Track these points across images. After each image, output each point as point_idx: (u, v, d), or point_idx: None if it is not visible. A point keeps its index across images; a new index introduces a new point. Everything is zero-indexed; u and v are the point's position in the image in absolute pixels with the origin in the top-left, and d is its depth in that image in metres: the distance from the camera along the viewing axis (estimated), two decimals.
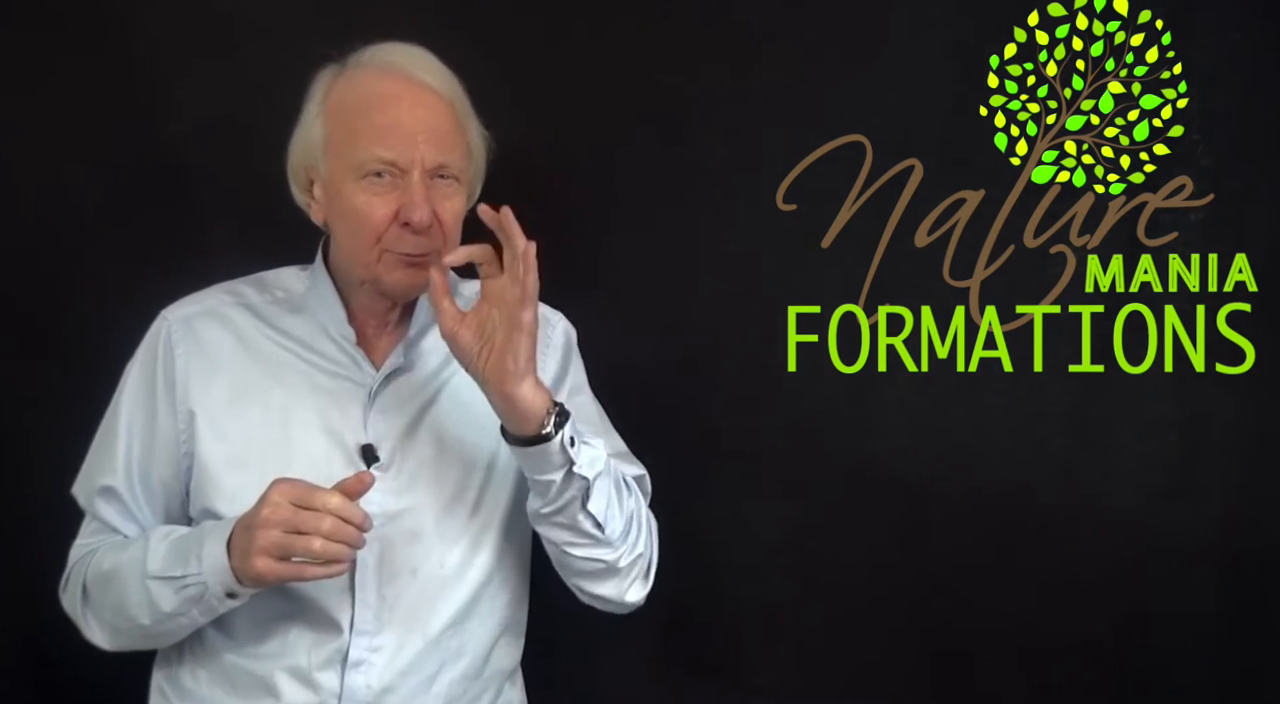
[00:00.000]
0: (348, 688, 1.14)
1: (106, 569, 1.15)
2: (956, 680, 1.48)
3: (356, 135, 1.13)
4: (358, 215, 1.13)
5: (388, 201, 1.13)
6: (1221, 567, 1.43)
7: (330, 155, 1.16)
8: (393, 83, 1.15)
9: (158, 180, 1.48)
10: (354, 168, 1.13)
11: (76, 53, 1.47)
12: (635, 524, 1.21)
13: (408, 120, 1.13)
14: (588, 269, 1.47)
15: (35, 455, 1.43)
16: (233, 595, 1.09)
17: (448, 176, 1.16)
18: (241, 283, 1.26)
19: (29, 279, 1.48)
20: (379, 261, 1.15)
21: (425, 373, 1.22)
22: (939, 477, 1.46)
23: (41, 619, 1.27)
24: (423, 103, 1.15)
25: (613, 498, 1.17)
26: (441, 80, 1.17)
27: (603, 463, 1.16)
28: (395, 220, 1.13)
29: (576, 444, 1.13)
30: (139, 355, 1.22)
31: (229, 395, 1.18)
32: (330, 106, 1.16)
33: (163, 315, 1.22)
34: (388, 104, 1.14)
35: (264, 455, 1.15)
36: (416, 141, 1.13)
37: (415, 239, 1.13)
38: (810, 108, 1.43)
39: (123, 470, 1.19)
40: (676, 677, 1.52)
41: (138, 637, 1.16)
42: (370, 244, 1.14)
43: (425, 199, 1.12)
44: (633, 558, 1.21)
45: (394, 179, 1.13)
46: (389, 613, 1.16)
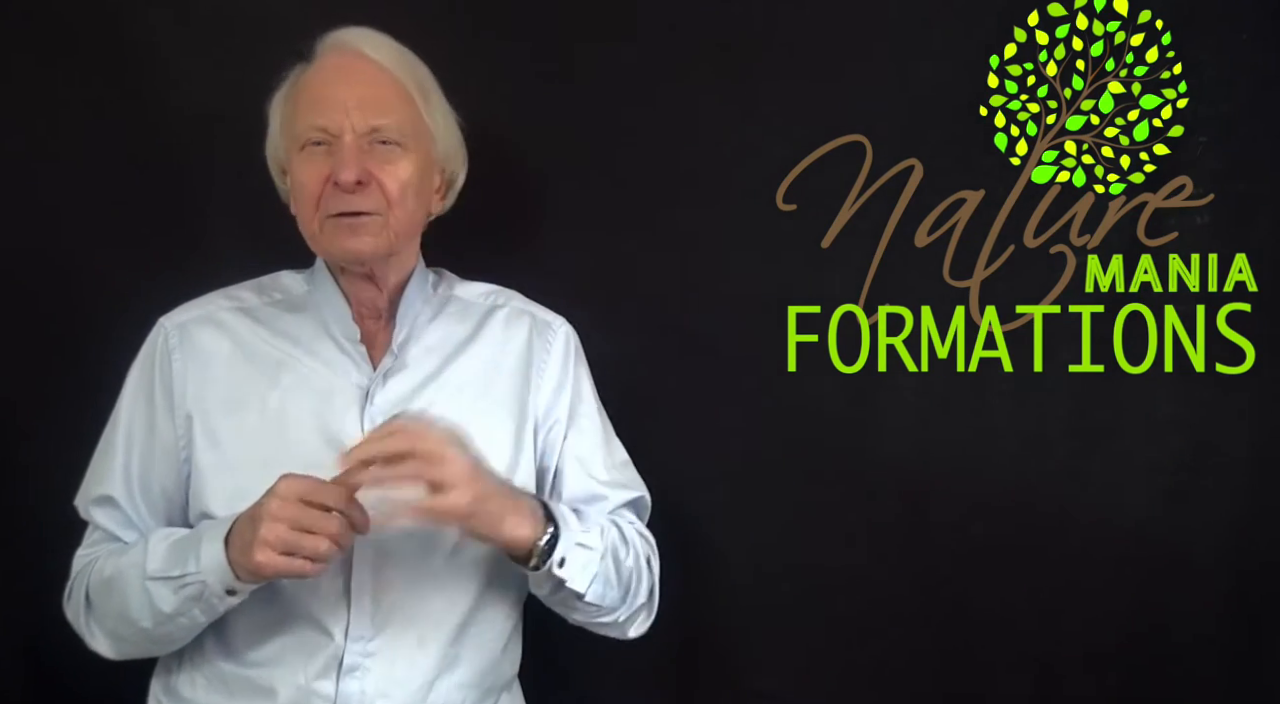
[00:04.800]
0: (343, 694, 1.14)
1: (108, 575, 1.15)
2: (958, 682, 1.48)
3: (299, 111, 1.17)
4: (299, 187, 1.17)
5: (322, 167, 1.15)
6: (1222, 566, 1.43)
7: (284, 137, 1.20)
8: (333, 57, 1.19)
9: (158, 180, 1.48)
10: (295, 140, 1.17)
11: (76, 53, 1.47)
12: (635, 581, 1.23)
13: (340, 89, 1.16)
14: (588, 269, 1.47)
15: (34, 461, 1.43)
16: (232, 592, 1.09)
17: (389, 142, 1.17)
18: (239, 287, 1.26)
19: (28, 281, 1.48)
20: (322, 231, 1.17)
21: (424, 374, 1.22)
22: (939, 477, 1.46)
23: (39, 628, 1.27)
24: (357, 72, 1.18)
25: (610, 579, 1.19)
26: (385, 53, 1.19)
27: (597, 562, 1.16)
28: (329, 183, 1.15)
29: (568, 563, 1.13)
30: (137, 364, 1.22)
31: (225, 400, 1.18)
32: (287, 95, 1.21)
33: (160, 323, 1.23)
34: (324, 77, 1.18)
35: (261, 458, 1.14)
36: (347, 107, 1.15)
37: (348, 197, 1.14)
38: (810, 108, 1.43)
39: (121, 479, 1.19)
40: (677, 683, 1.52)
41: (141, 642, 1.16)
42: (312, 211, 1.16)
43: (354, 159, 1.14)
44: (633, 611, 1.24)
45: (329, 147, 1.15)
46: (384, 619, 1.15)
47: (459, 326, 1.26)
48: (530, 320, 1.29)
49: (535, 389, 1.26)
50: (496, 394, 1.24)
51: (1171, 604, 1.44)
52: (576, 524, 1.16)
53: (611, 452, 1.30)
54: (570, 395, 1.28)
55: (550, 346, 1.28)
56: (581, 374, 1.31)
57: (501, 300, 1.31)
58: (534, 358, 1.27)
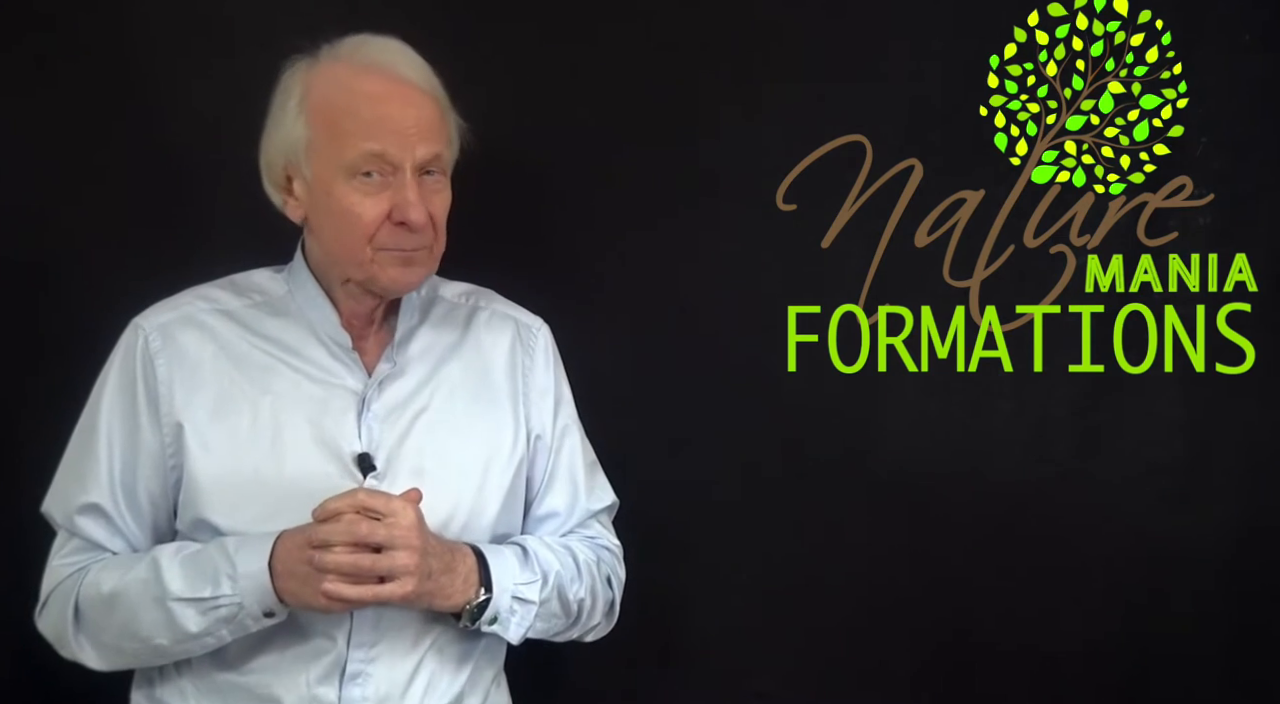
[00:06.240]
0: (345, 700, 1.13)
1: (108, 592, 1.12)
2: (959, 683, 1.48)
3: (346, 135, 1.12)
4: (349, 216, 1.12)
5: (379, 201, 1.12)
6: (1222, 566, 1.43)
7: (315, 156, 1.14)
8: (378, 81, 1.14)
9: (158, 180, 1.47)
10: (344, 168, 1.12)
11: (76, 53, 1.46)
12: (588, 607, 1.23)
13: (399, 117, 1.12)
14: (588, 269, 1.47)
15: (29, 462, 1.42)
16: (270, 615, 1.08)
17: (435, 172, 1.15)
18: (212, 287, 1.23)
19: (27, 282, 1.48)
20: (373, 260, 1.14)
21: (417, 379, 1.21)
22: (939, 477, 1.46)
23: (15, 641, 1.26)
24: (411, 101, 1.14)
25: (555, 612, 1.20)
26: (423, 75, 1.17)
27: (533, 614, 1.17)
28: (388, 220, 1.12)
29: (500, 620, 1.15)
30: (114, 365, 1.18)
31: (215, 406, 1.15)
32: (312, 105, 1.14)
33: (136, 324, 1.18)
34: (376, 102, 1.13)
35: (257, 467, 1.13)
36: (409, 138, 1.12)
37: (413, 236, 1.13)
38: (810, 108, 1.43)
39: (107, 486, 1.15)
40: (675, 683, 1.52)
41: (146, 655, 1.13)
42: (363, 244, 1.13)
43: (420, 199, 1.12)
44: (586, 629, 1.26)
45: (384, 178, 1.12)
46: (386, 623, 1.15)
47: (447, 330, 1.25)
48: (514, 324, 1.28)
49: (524, 394, 1.25)
50: (489, 397, 1.24)
51: (1171, 604, 1.44)
52: (519, 573, 1.16)
53: (586, 458, 1.30)
54: (553, 402, 1.27)
55: (533, 351, 1.28)
56: (560, 377, 1.30)
57: (483, 302, 1.29)
58: (519, 362, 1.26)
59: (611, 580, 1.28)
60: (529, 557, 1.19)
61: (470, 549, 1.15)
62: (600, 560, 1.27)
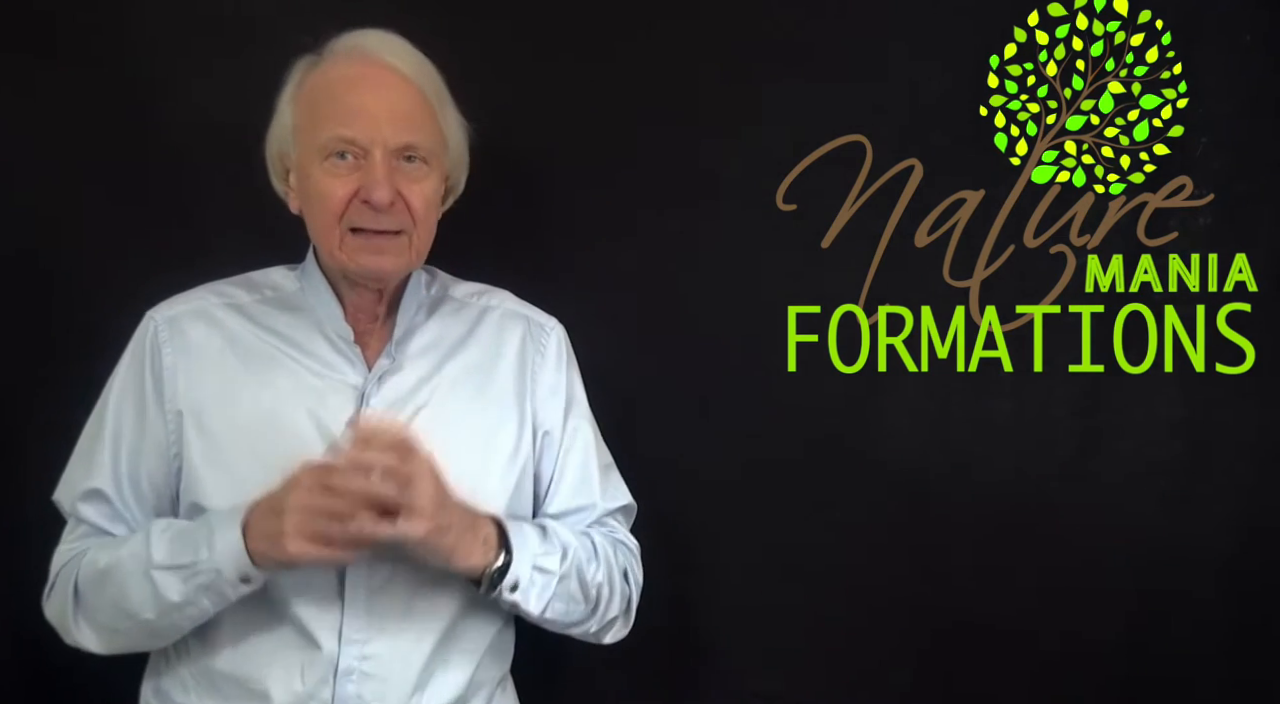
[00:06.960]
0: (339, 697, 1.13)
1: (103, 567, 1.13)
2: (959, 683, 1.48)
3: (321, 117, 1.14)
4: (321, 197, 1.14)
5: (348, 182, 1.13)
6: (1222, 565, 1.43)
7: (299, 141, 1.17)
8: (358, 65, 1.16)
9: (158, 180, 1.47)
10: (318, 150, 1.14)
11: (75, 53, 1.46)
12: (606, 595, 1.22)
13: (369, 101, 1.14)
14: (588, 269, 1.47)
15: (31, 458, 1.42)
16: (247, 580, 1.08)
17: (415, 159, 1.16)
18: (228, 283, 1.25)
19: (28, 281, 1.48)
20: (341, 245, 1.15)
21: (418, 375, 1.21)
22: (939, 477, 1.46)
23: (27, 631, 1.26)
24: (386, 84, 1.15)
25: (574, 596, 1.19)
26: (410, 63, 1.18)
27: (554, 586, 1.16)
28: (356, 198, 1.13)
29: (520, 587, 1.14)
30: (126, 356, 1.21)
31: (217, 395, 1.17)
32: (301, 94, 1.18)
33: (149, 315, 1.21)
34: (351, 85, 1.15)
35: (255, 454, 1.14)
36: (379, 122, 1.13)
37: (377, 216, 1.14)
38: (810, 108, 1.44)
39: (110, 472, 1.17)
40: (676, 683, 1.52)
41: (138, 634, 1.15)
42: (333, 224, 1.14)
43: (386, 178, 1.13)
44: (604, 624, 1.24)
45: (357, 160, 1.14)
46: (379, 621, 1.15)
47: (454, 326, 1.26)
48: (524, 322, 1.29)
49: (531, 392, 1.25)
50: (493, 393, 1.24)
51: (1171, 604, 1.45)
52: (538, 546, 1.17)
53: (600, 459, 1.30)
54: (564, 401, 1.28)
55: (544, 349, 1.28)
56: (574, 378, 1.30)
57: (495, 301, 1.30)
58: (529, 359, 1.26)
59: (629, 576, 1.27)
60: (548, 533, 1.19)
61: (490, 518, 1.16)
62: (617, 552, 1.26)
